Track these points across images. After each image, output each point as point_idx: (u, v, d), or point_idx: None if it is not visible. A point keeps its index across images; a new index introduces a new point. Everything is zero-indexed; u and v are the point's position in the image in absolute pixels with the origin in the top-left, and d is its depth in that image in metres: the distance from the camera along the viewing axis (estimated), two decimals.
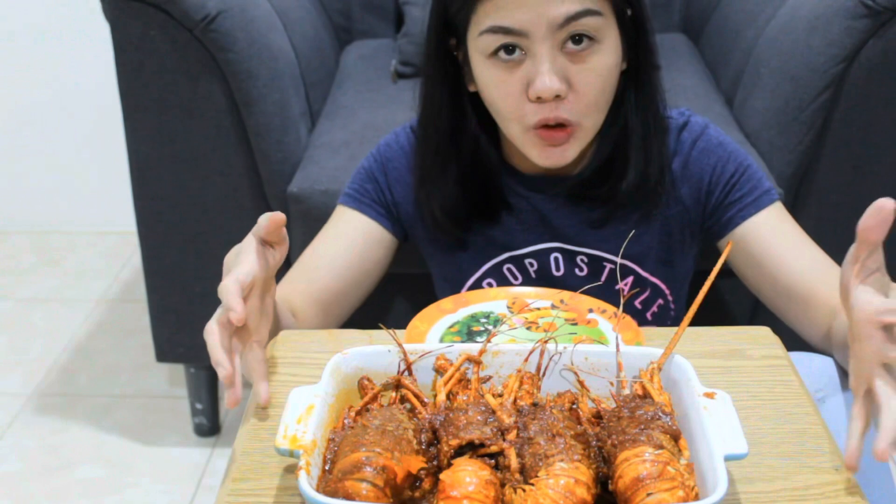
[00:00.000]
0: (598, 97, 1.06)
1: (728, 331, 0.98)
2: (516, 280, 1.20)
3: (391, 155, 1.22)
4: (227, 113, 1.58)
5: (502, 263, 1.19)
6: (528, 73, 1.03)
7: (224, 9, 1.50)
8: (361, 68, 2.03)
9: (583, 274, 1.18)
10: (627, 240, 1.12)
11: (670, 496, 0.67)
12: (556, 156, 1.08)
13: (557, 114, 1.04)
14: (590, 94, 1.05)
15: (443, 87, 1.13)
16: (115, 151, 2.15)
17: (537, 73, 1.02)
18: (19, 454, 1.90)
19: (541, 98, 1.03)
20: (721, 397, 0.77)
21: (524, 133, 1.08)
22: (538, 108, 1.04)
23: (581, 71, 1.04)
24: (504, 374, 0.85)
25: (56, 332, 2.30)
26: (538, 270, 1.19)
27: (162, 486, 1.82)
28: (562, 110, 1.04)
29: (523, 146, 1.10)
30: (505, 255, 1.19)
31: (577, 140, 1.08)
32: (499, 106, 1.08)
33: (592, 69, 1.04)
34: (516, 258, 1.19)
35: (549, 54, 1.02)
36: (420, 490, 0.74)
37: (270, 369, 0.93)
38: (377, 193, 1.21)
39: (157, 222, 1.69)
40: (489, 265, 1.20)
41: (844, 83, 1.49)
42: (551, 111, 1.04)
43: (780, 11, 1.62)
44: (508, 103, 1.06)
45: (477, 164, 1.16)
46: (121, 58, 1.56)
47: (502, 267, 1.20)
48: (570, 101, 1.04)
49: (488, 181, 1.17)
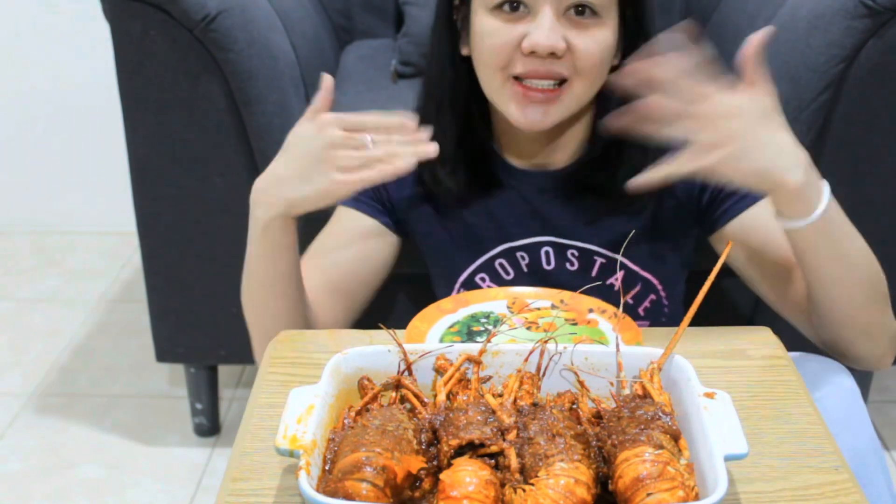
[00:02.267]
0: (595, 63, 1.06)
1: (728, 331, 0.98)
2: (508, 275, 1.19)
3: None
4: (227, 113, 1.58)
5: (495, 258, 1.19)
6: (528, 27, 1.04)
7: (224, 9, 1.50)
8: (361, 68, 2.03)
9: (574, 268, 1.18)
10: (627, 240, 1.10)
11: (670, 496, 0.67)
12: (536, 115, 1.07)
13: (551, 67, 1.04)
14: (588, 58, 1.05)
15: (446, 45, 1.14)
16: (115, 151, 2.14)
17: (537, 27, 1.03)
18: (19, 454, 1.90)
19: (535, 53, 1.03)
20: (721, 397, 0.77)
21: (504, 83, 1.07)
22: (528, 59, 1.04)
23: (581, 36, 1.04)
24: (504, 374, 0.85)
25: (56, 332, 2.30)
26: (529, 264, 1.19)
27: (162, 486, 1.82)
28: (558, 65, 1.04)
29: (501, 101, 1.09)
30: (500, 247, 1.19)
31: (561, 103, 1.07)
32: (487, 55, 1.07)
33: (592, 37, 1.05)
34: (508, 252, 1.19)
35: (553, 15, 1.03)
36: (420, 490, 0.74)
37: (270, 369, 0.94)
38: (373, 190, 1.20)
39: (157, 222, 1.69)
40: (482, 259, 1.19)
41: (844, 83, 1.49)
42: (543, 64, 1.04)
43: (780, 11, 1.62)
44: (499, 52, 1.06)
45: (470, 132, 1.16)
46: (121, 58, 1.56)
47: (494, 262, 1.19)
48: (567, 59, 1.04)
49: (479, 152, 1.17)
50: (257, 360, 1.11)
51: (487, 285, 1.19)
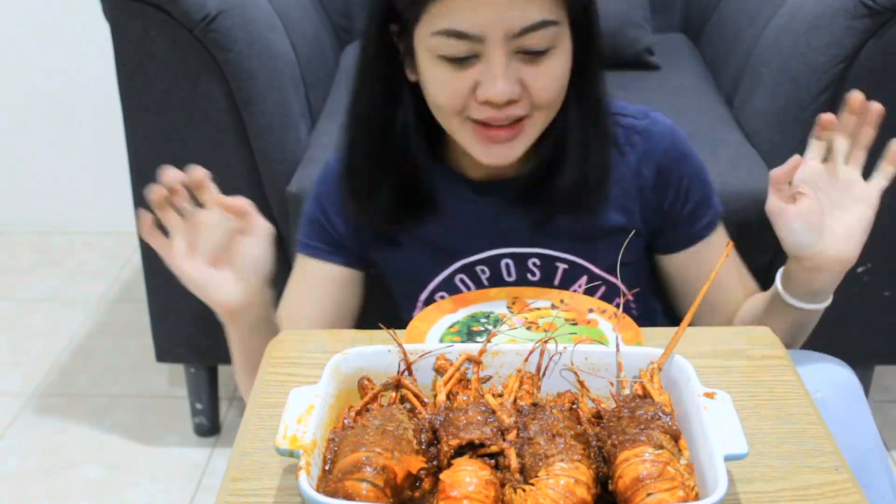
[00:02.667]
0: (553, 98, 1.03)
1: (728, 331, 0.98)
2: (469, 290, 1.16)
3: (326, 189, 1.18)
4: (227, 113, 1.58)
5: (454, 275, 1.15)
6: (479, 74, 0.99)
7: (224, 9, 1.50)
8: None
9: (535, 278, 1.14)
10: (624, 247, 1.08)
11: (670, 496, 0.67)
12: (502, 153, 1.04)
13: (507, 112, 1.00)
14: (545, 95, 1.02)
15: (380, 74, 1.09)
16: (115, 151, 2.14)
17: (490, 77, 0.98)
18: (19, 454, 1.90)
19: (489, 102, 0.99)
20: (721, 397, 0.77)
21: (463, 124, 1.03)
22: (484, 107, 1.00)
23: (537, 74, 1.00)
24: (504, 374, 0.85)
25: (56, 332, 2.30)
26: (490, 278, 1.15)
27: (162, 486, 1.82)
28: (515, 108, 1.01)
29: (464, 140, 1.05)
30: (457, 263, 1.15)
31: (525, 134, 1.04)
32: (442, 104, 1.03)
33: (548, 72, 1.00)
34: (467, 266, 1.15)
35: (504, 60, 0.98)
36: (420, 490, 0.74)
37: (270, 369, 0.94)
38: (323, 234, 1.18)
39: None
40: (441, 277, 1.16)
41: (844, 83, 1.48)
42: (500, 111, 1.00)
43: (780, 11, 1.62)
44: (454, 103, 1.02)
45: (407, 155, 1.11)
46: (121, 58, 1.56)
47: (454, 278, 1.15)
48: (523, 100, 1.01)
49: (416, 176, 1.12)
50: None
51: None
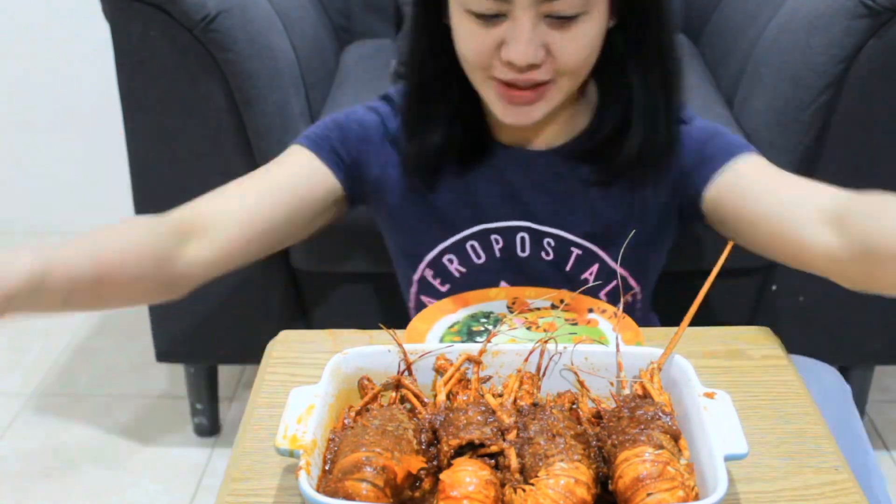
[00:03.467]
0: (579, 63, 1.00)
1: (728, 331, 0.98)
2: (479, 259, 1.14)
3: (367, 118, 1.15)
4: (227, 113, 1.58)
5: (467, 239, 1.13)
6: (505, 33, 0.97)
7: (224, 9, 1.50)
8: (361, 68, 2.03)
9: (549, 258, 1.13)
10: (627, 240, 1.07)
11: (670, 496, 0.67)
12: (523, 114, 1.02)
13: (529, 76, 0.99)
14: (570, 61, 0.99)
15: (427, 20, 1.07)
16: (115, 151, 2.14)
17: (514, 38, 0.96)
18: (19, 454, 1.90)
19: (512, 63, 0.98)
20: (721, 397, 0.77)
21: (486, 81, 1.02)
22: (507, 67, 0.99)
23: (564, 39, 0.97)
24: (504, 374, 0.84)
25: (56, 332, 2.30)
26: (503, 249, 1.13)
27: (162, 486, 1.82)
28: (535, 73, 0.99)
29: (487, 96, 1.04)
30: (474, 228, 1.13)
31: (547, 100, 1.02)
32: (466, 55, 1.02)
33: (576, 38, 0.98)
34: (482, 233, 1.13)
35: (531, 22, 0.96)
36: (420, 490, 0.74)
37: (270, 369, 0.94)
38: (340, 143, 1.13)
39: None
40: (453, 239, 1.14)
41: (844, 83, 1.49)
42: (522, 73, 0.98)
43: (780, 11, 1.62)
44: (478, 58, 1.00)
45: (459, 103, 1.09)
46: (121, 58, 1.56)
47: (466, 243, 1.13)
48: (547, 65, 0.99)
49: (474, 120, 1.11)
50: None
51: (455, 268, 1.14)
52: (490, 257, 1.14)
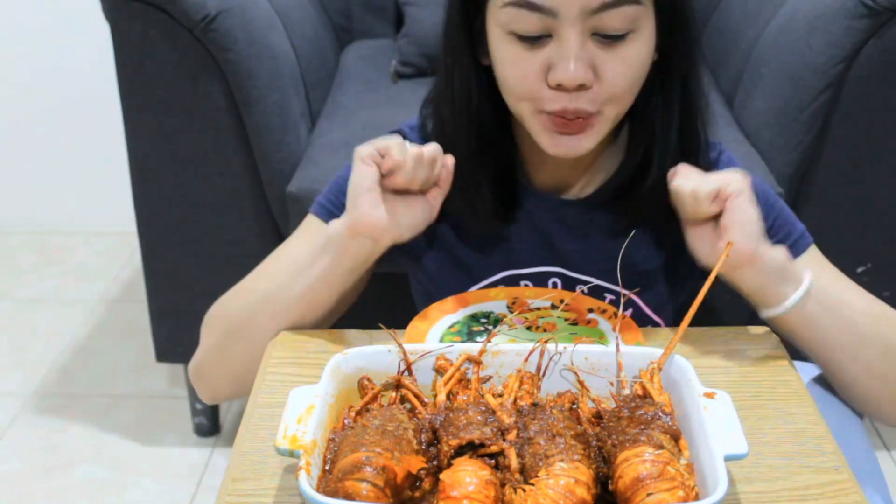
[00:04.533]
0: (626, 88, 0.96)
1: (728, 331, 0.98)
2: None
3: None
4: (227, 113, 1.58)
5: (494, 284, 1.10)
6: (551, 56, 0.92)
7: (224, 9, 1.50)
8: (361, 68, 2.03)
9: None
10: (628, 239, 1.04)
11: (670, 496, 0.67)
12: (572, 146, 0.97)
13: (577, 105, 0.94)
14: (618, 86, 0.94)
15: (465, 59, 1.02)
16: (115, 151, 2.14)
17: (562, 58, 0.91)
18: (19, 454, 1.90)
19: (561, 86, 0.92)
20: (721, 397, 0.77)
21: (535, 115, 0.97)
22: (557, 95, 0.94)
23: (611, 60, 0.93)
24: (504, 374, 0.84)
25: (56, 332, 2.30)
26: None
27: (162, 486, 1.82)
28: (583, 101, 0.94)
29: (534, 130, 0.98)
30: (502, 273, 1.10)
31: (595, 130, 0.97)
32: (512, 86, 0.97)
33: (624, 59, 0.93)
34: (511, 279, 1.10)
35: (578, 40, 0.91)
36: (420, 490, 0.74)
37: (270, 369, 0.94)
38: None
39: (157, 222, 1.69)
40: (480, 285, 1.10)
41: (844, 83, 1.49)
42: (571, 101, 0.93)
43: (780, 11, 1.62)
44: (524, 85, 0.95)
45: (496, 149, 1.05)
46: (121, 58, 1.56)
47: (495, 286, 1.10)
48: (595, 91, 0.94)
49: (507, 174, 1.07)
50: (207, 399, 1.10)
51: None
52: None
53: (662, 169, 1.01)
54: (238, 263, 1.67)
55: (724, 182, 0.92)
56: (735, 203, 0.91)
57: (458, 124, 1.04)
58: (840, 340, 0.95)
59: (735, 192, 0.91)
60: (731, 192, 0.91)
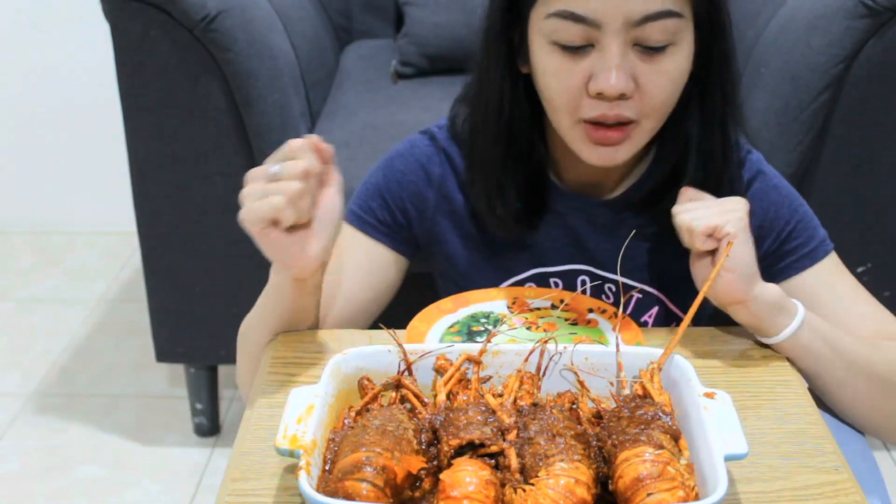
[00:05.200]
0: (665, 100, 0.98)
1: (728, 331, 0.98)
2: None
3: (405, 169, 1.12)
4: (227, 113, 1.58)
5: (524, 282, 1.11)
6: (593, 65, 0.94)
7: (224, 9, 1.50)
8: (361, 68, 2.03)
9: (609, 301, 1.10)
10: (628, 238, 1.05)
11: (670, 496, 0.67)
12: (608, 155, 0.99)
13: (618, 112, 0.95)
14: (657, 97, 0.96)
15: (503, 67, 1.03)
16: (115, 151, 2.14)
17: (604, 68, 0.93)
18: (19, 454, 1.90)
19: (602, 95, 0.94)
20: (721, 397, 0.77)
21: (574, 126, 0.98)
22: (596, 104, 0.95)
23: (652, 72, 0.95)
24: (504, 374, 0.84)
25: (56, 332, 2.30)
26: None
27: (162, 486, 1.82)
28: (623, 109, 0.95)
29: (572, 140, 1.00)
30: (531, 271, 1.11)
31: (632, 141, 0.99)
32: (553, 96, 0.98)
33: (665, 72, 0.95)
34: (540, 276, 1.11)
35: (620, 50, 0.93)
36: (420, 490, 0.74)
37: (270, 369, 0.94)
38: (383, 212, 1.11)
39: (157, 222, 1.69)
40: (509, 283, 1.12)
41: (844, 83, 1.49)
42: (611, 109, 0.95)
43: (780, 11, 1.62)
44: (565, 95, 0.97)
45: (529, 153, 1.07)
46: (121, 58, 1.56)
47: (524, 285, 1.11)
48: (636, 100, 0.96)
49: (537, 178, 1.08)
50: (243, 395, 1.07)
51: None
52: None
53: (693, 176, 1.03)
54: (238, 263, 1.68)
55: (722, 221, 0.92)
56: (731, 246, 0.92)
57: (489, 128, 1.05)
58: (832, 367, 0.96)
59: (730, 234, 0.92)
60: (725, 233, 0.92)
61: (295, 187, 0.85)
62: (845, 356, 0.96)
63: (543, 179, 1.09)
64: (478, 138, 1.07)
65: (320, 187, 0.89)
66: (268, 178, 0.87)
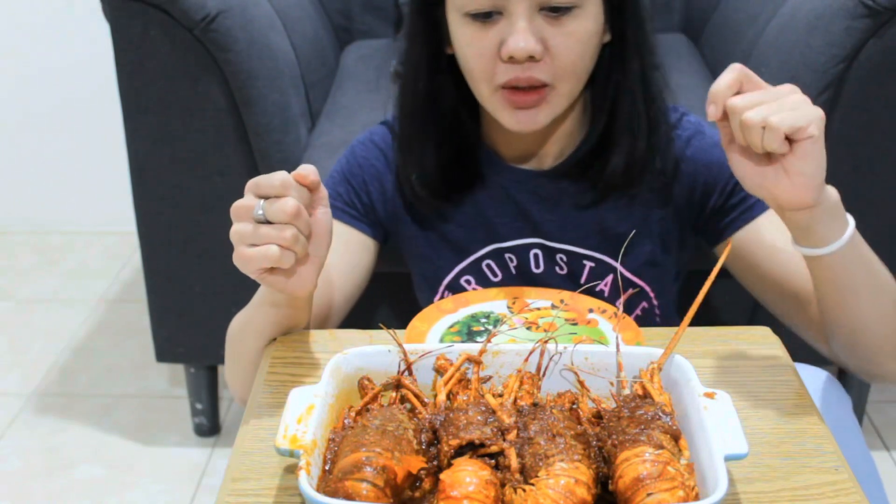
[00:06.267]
0: (575, 62, 1.03)
1: (728, 331, 0.98)
2: (496, 277, 1.17)
3: (366, 153, 1.18)
4: (227, 113, 1.58)
5: (482, 259, 1.16)
6: (502, 31, 1.01)
7: (224, 9, 1.50)
8: (361, 68, 2.03)
9: (563, 272, 1.15)
10: (627, 240, 1.08)
11: (670, 496, 0.67)
12: (528, 119, 1.05)
13: (530, 74, 1.01)
14: (567, 58, 1.02)
15: (423, 47, 1.11)
16: (115, 151, 2.15)
17: (512, 31, 1.00)
18: (19, 454, 1.90)
19: (513, 58, 1.00)
20: (721, 397, 0.77)
21: (493, 94, 1.04)
22: (509, 67, 1.01)
23: (559, 34, 1.01)
24: (504, 374, 0.84)
25: (56, 332, 2.30)
26: (518, 266, 1.16)
27: (162, 486, 1.82)
28: (535, 71, 1.01)
29: (494, 109, 1.06)
30: (488, 248, 1.16)
31: (549, 105, 1.05)
32: (471, 65, 1.05)
33: (571, 33, 1.01)
34: (496, 252, 1.16)
35: (527, 14, 0.99)
36: (420, 490, 0.74)
37: (270, 369, 0.94)
38: (350, 196, 1.16)
39: (157, 222, 1.69)
40: (469, 260, 1.16)
41: (844, 83, 1.49)
42: (524, 71, 1.01)
43: (780, 11, 1.62)
44: (480, 63, 1.03)
45: (455, 129, 1.13)
46: (121, 58, 1.56)
47: (482, 263, 1.16)
48: (546, 62, 1.01)
49: (464, 149, 1.14)
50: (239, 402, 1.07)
51: (473, 288, 1.17)
52: (506, 275, 1.17)
53: (625, 142, 1.08)
54: None
55: (806, 120, 0.84)
56: (809, 148, 0.86)
57: (406, 106, 1.13)
58: (863, 285, 0.94)
59: (814, 135, 0.85)
60: (808, 134, 0.85)
61: (289, 234, 0.83)
62: (877, 276, 0.96)
63: (472, 155, 1.14)
64: (402, 118, 1.14)
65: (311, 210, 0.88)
66: (255, 218, 0.85)
